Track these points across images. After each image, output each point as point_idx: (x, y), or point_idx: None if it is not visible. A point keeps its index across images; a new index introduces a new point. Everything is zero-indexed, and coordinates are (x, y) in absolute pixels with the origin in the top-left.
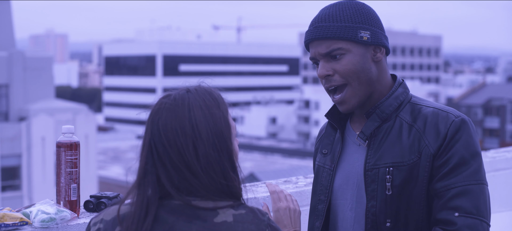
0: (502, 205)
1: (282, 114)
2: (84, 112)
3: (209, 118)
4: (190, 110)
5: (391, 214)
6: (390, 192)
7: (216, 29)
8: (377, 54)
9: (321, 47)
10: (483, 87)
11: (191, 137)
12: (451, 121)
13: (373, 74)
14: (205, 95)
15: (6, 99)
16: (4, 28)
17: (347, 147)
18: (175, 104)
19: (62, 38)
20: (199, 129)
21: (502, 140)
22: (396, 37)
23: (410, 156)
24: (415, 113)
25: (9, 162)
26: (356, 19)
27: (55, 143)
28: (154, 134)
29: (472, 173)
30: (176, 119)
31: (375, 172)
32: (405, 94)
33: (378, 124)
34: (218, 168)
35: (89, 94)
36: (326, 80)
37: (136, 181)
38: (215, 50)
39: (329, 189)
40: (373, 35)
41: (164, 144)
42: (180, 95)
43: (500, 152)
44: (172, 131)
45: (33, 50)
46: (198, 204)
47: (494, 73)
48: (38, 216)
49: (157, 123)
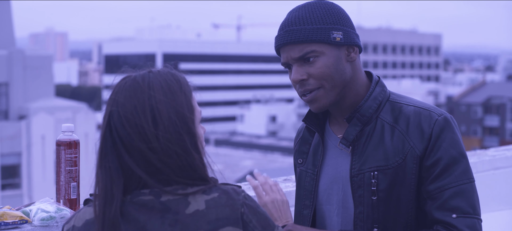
0: (502, 203)
1: (282, 113)
2: (84, 111)
3: (170, 97)
4: (150, 89)
5: (378, 219)
6: (376, 197)
7: (216, 27)
8: (350, 54)
9: (293, 51)
10: (483, 85)
11: (150, 115)
12: (435, 120)
13: (347, 75)
14: (167, 76)
15: (6, 98)
16: (4, 26)
17: (329, 150)
18: (135, 83)
19: (62, 37)
20: (159, 108)
21: (502, 138)
22: (396, 36)
23: (395, 159)
24: (396, 113)
25: (9, 161)
26: (328, 20)
27: (55, 142)
28: (113, 113)
29: (463, 172)
30: (135, 97)
31: (360, 177)
32: (383, 93)
33: (359, 128)
34: (179, 147)
35: (89, 93)
36: (301, 85)
37: (97, 165)
38: (215, 48)
39: (314, 193)
40: (346, 35)
41: (123, 123)
42: (141, 75)
43: (500, 150)
44: (131, 109)
45: (33, 48)
46: (167, 191)
47: (494, 71)
48: (38, 214)
49: (117, 102)
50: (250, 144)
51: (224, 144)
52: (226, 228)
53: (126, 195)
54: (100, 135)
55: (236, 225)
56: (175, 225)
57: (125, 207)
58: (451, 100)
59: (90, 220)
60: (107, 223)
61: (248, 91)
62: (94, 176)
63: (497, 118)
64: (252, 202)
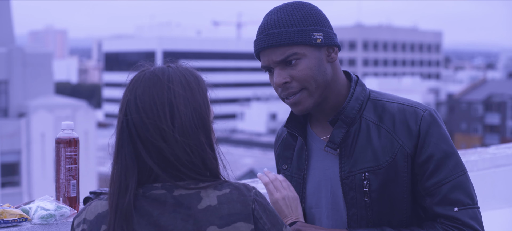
0: (503, 201)
1: (282, 111)
2: (83, 109)
3: (189, 91)
4: (169, 82)
5: (373, 220)
6: (368, 198)
7: (216, 25)
8: (331, 54)
9: (275, 55)
10: (483, 83)
11: (168, 106)
12: (420, 116)
13: (328, 76)
14: (185, 72)
15: (6, 96)
16: (4, 24)
17: (313, 153)
18: (154, 75)
19: (62, 34)
20: (177, 100)
21: (503, 136)
22: (396, 33)
23: (385, 158)
24: (379, 111)
25: (8, 158)
26: (307, 22)
27: (55, 139)
28: (130, 103)
29: (456, 164)
30: (154, 87)
31: (351, 179)
32: (364, 92)
33: (345, 130)
34: (194, 142)
35: (88, 91)
36: (283, 88)
37: (113, 157)
38: (215, 46)
39: (301, 198)
40: (326, 36)
41: (140, 114)
42: (160, 68)
43: (500, 148)
44: (149, 99)
45: (33, 46)
46: (179, 186)
47: (494, 69)
48: (37, 212)
49: (134, 93)
50: (250, 141)
51: (224, 141)
52: (238, 224)
53: (139, 188)
54: (116, 125)
55: (248, 220)
56: (188, 220)
57: (138, 201)
58: (452, 98)
59: (102, 213)
60: (119, 215)
61: (248, 89)
62: (110, 166)
63: (497, 116)
64: (262, 199)
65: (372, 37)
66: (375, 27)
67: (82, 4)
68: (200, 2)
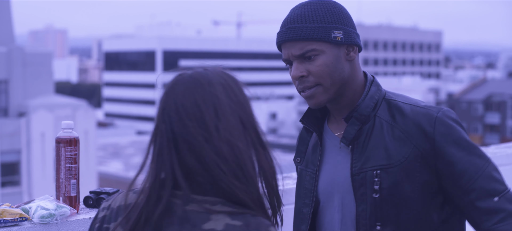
0: None
1: (282, 110)
2: (83, 108)
3: (231, 93)
4: (210, 84)
5: (381, 217)
6: (378, 195)
7: (216, 24)
8: (350, 53)
9: (294, 48)
10: (483, 83)
11: (213, 107)
12: (434, 117)
13: (346, 74)
14: (223, 74)
15: (6, 95)
16: (4, 23)
17: (328, 149)
18: (194, 79)
19: (62, 34)
20: (220, 100)
21: (503, 136)
22: (396, 33)
23: (397, 157)
24: (393, 111)
25: (8, 158)
26: (329, 19)
27: (55, 139)
28: (170, 108)
29: (480, 156)
30: (196, 90)
31: (362, 175)
32: (379, 92)
33: (358, 126)
34: (242, 142)
35: (88, 90)
36: (300, 82)
37: (151, 164)
38: (215, 45)
39: (314, 192)
40: (346, 35)
41: (180, 117)
42: (198, 71)
43: (500, 147)
44: (191, 101)
45: (33, 45)
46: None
47: (494, 68)
48: (37, 212)
49: (174, 97)
50: None
51: None
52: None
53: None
54: (154, 129)
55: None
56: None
57: None
58: (452, 97)
59: (122, 206)
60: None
61: (248, 88)
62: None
63: (497, 115)
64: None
65: (372, 36)
66: (375, 26)
67: (82, 4)
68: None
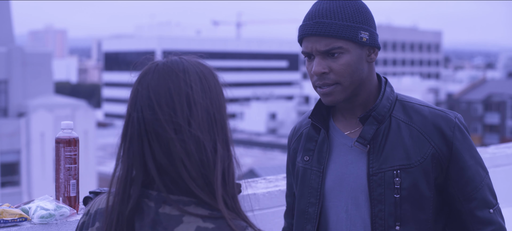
0: (502, 201)
1: (281, 110)
2: (83, 108)
3: (205, 83)
4: (186, 73)
5: (401, 217)
6: (399, 195)
7: (216, 24)
8: (371, 55)
9: (320, 44)
10: (483, 83)
11: (185, 97)
12: (454, 122)
13: (364, 74)
14: (199, 65)
15: (5, 95)
16: (3, 24)
17: (335, 148)
18: (168, 67)
19: (61, 34)
20: (194, 92)
21: (502, 136)
22: (396, 33)
23: (416, 157)
24: (409, 112)
25: (8, 158)
26: (357, 19)
27: (54, 139)
28: (142, 97)
29: (482, 167)
30: (170, 78)
31: (380, 176)
32: (392, 93)
33: (376, 127)
34: (208, 140)
35: (88, 90)
36: (320, 78)
37: (118, 155)
38: (215, 46)
39: (320, 191)
40: (371, 36)
41: (152, 107)
42: (173, 60)
43: (500, 148)
44: (164, 90)
45: (32, 46)
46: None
47: (494, 69)
48: (37, 212)
49: (147, 85)
50: (250, 141)
51: None
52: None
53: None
54: (125, 119)
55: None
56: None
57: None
58: (452, 97)
59: (100, 210)
60: (121, 219)
61: (248, 88)
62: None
63: (497, 116)
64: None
65: None
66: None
67: (82, 4)
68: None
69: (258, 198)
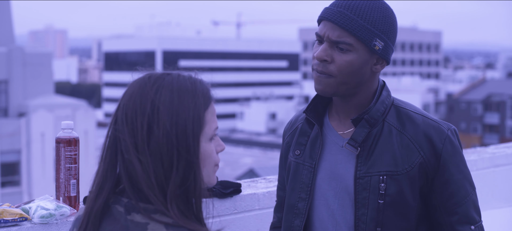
0: (502, 201)
1: (282, 110)
2: (83, 108)
3: (177, 104)
4: (157, 91)
5: (383, 223)
6: (383, 201)
7: (216, 24)
8: (377, 65)
9: (333, 32)
10: (483, 83)
11: (148, 117)
12: (445, 135)
13: (364, 79)
14: (183, 82)
15: (6, 95)
16: (3, 24)
17: (328, 145)
18: (143, 82)
19: (62, 34)
20: (159, 112)
21: (502, 136)
22: None
23: (404, 165)
24: (403, 119)
25: (8, 158)
26: (379, 26)
27: (55, 139)
28: (118, 110)
29: (470, 183)
30: (140, 96)
31: (366, 179)
32: (388, 97)
33: (368, 130)
34: (167, 161)
35: (88, 90)
36: (320, 64)
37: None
38: (215, 46)
39: (311, 187)
40: (385, 48)
41: (123, 120)
42: (158, 75)
43: (500, 147)
44: (132, 107)
45: (33, 46)
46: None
47: (494, 69)
48: (37, 212)
49: (125, 98)
50: (250, 141)
51: (224, 141)
52: None
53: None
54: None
55: None
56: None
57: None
58: (451, 97)
59: (79, 216)
60: (91, 219)
61: (248, 88)
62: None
63: (497, 115)
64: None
65: None
66: None
67: (82, 4)
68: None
69: (258, 198)
